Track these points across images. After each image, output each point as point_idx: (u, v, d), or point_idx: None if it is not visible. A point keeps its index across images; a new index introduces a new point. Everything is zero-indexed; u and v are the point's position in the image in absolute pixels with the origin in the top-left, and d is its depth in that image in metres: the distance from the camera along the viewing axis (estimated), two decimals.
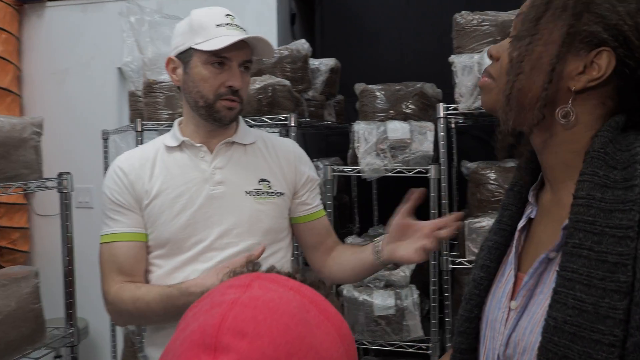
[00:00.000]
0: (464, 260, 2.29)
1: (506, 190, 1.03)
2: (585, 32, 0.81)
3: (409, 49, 3.39)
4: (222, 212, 1.50)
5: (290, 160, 1.62)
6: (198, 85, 1.47)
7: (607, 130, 0.82)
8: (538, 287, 0.87)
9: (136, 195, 1.52)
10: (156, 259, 1.53)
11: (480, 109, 2.22)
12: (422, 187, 1.49)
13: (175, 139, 1.56)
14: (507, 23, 2.27)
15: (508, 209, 1.00)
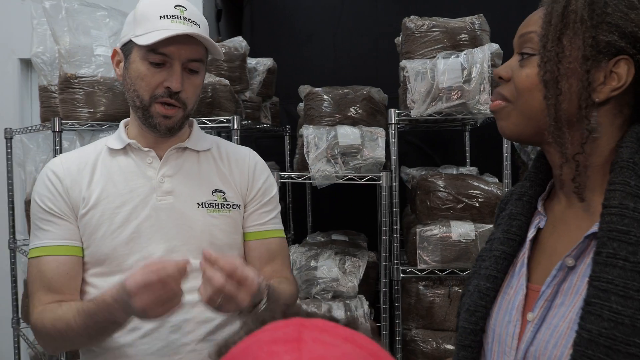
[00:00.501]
0: (414, 269, 2.26)
1: (513, 200, 1.00)
2: (603, 42, 0.81)
3: (343, 51, 3.33)
4: (171, 226, 1.32)
5: (244, 170, 1.44)
6: (135, 83, 1.29)
7: (631, 141, 0.82)
8: (557, 297, 0.85)
9: (72, 203, 1.31)
10: (93, 277, 1.33)
11: (433, 115, 2.20)
12: None
13: (120, 141, 1.36)
14: (457, 30, 2.27)
15: (517, 218, 0.97)
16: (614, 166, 0.82)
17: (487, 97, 2.14)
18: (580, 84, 0.82)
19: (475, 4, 3.09)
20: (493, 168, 2.57)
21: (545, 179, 0.98)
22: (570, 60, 0.82)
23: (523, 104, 0.88)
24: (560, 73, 0.83)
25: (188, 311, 1.28)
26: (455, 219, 2.24)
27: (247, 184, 1.43)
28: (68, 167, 1.34)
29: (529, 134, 0.90)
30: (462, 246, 2.19)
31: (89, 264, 1.32)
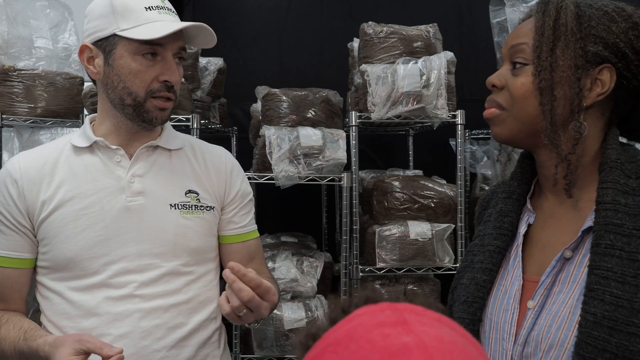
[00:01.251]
0: (373, 268, 2.32)
1: (502, 198, 1.06)
2: (590, 52, 0.89)
3: (288, 54, 3.35)
4: (141, 228, 1.26)
5: (221, 171, 1.39)
6: (125, 80, 1.23)
7: (615, 143, 0.92)
8: (555, 286, 0.92)
9: (27, 207, 1.24)
10: (54, 282, 1.26)
11: (391, 119, 2.28)
12: None
13: (86, 139, 1.29)
14: (413, 37, 2.37)
15: (508, 215, 1.03)
16: (603, 166, 0.90)
17: (443, 102, 2.25)
18: (573, 90, 0.89)
19: (414, 11, 3.24)
20: (434, 171, 2.70)
21: (530, 178, 1.04)
22: (564, 69, 0.89)
23: (519, 110, 0.94)
24: (555, 81, 0.90)
25: (159, 316, 1.25)
26: (411, 218, 2.33)
27: (224, 186, 1.39)
28: (25, 168, 1.26)
29: (522, 137, 0.97)
30: (419, 245, 2.28)
31: (50, 269, 1.26)
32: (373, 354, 0.46)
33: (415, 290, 2.38)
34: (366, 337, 0.49)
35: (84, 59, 1.27)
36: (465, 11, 3.32)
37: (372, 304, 0.54)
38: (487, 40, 3.12)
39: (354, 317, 0.53)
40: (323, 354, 0.50)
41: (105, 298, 1.23)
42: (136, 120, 1.27)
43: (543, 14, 0.93)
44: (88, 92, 2.28)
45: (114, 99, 1.26)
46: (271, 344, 2.25)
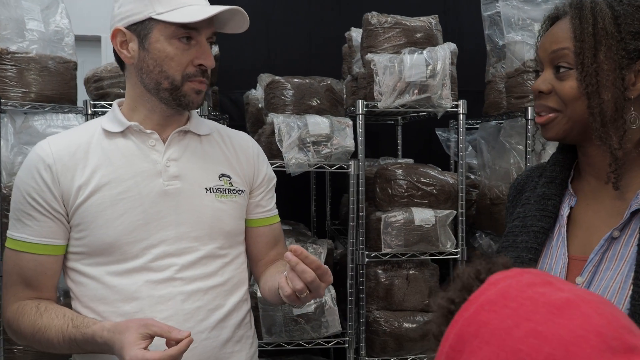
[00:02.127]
0: (379, 254, 2.37)
1: (545, 182, 1.13)
2: (631, 49, 0.96)
3: (276, 43, 3.34)
4: (179, 212, 1.27)
5: (249, 155, 1.42)
6: (162, 64, 1.23)
7: None
8: (602, 264, 0.99)
9: (62, 193, 1.23)
10: (90, 267, 1.25)
11: (398, 107, 2.33)
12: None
13: (119, 124, 1.28)
14: (416, 28, 2.42)
15: (551, 198, 1.10)
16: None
17: (448, 92, 2.32)
18: (618, 90, 0.96)
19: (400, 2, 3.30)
20: (422, 160, 2.77)
21: (570, 164, 1.12)
22: (608, 72, 0.95)
23: (572, 112, 1.00)
24: (601, 84, 0.96)
25: (200, 298, 1.27)
26: (414, 205, 2.39)
27: (253, 171, 1.42)
28: (58, 152, 1.25)
29: (573, 135, 1.03)
30: (423, 230, 2.35)
31: (85, 254, 1.25)
32: (538, 308, 0.50)
33: (417, 274, 2.46)
34: (523, 295, 0.53)
35: (117, 44, 1.26)
36: (450, 3, 3.42)
37: (505, 270, 0.59)
38: (472, 33, 3.23)
39: (495, 281, 0.56)
40: (480, 313, 0.53)
41: (146, 282, 1.23)
42: (172, 104, 1.27)
43: (580, 19, 0.97)
44: (92, 77, 2.22)
45: (149, 84, 1.26)
46: (280, 330, 2.27)
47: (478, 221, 2.94)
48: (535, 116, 1.08)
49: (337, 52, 3.14)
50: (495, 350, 0.50)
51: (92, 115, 2.23)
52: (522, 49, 2.58)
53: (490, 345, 0.50)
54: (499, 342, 0.50)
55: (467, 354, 0.52)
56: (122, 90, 2.22)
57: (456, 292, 0.61)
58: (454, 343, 0.54)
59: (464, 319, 0.55)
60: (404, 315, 2.43)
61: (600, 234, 1.00)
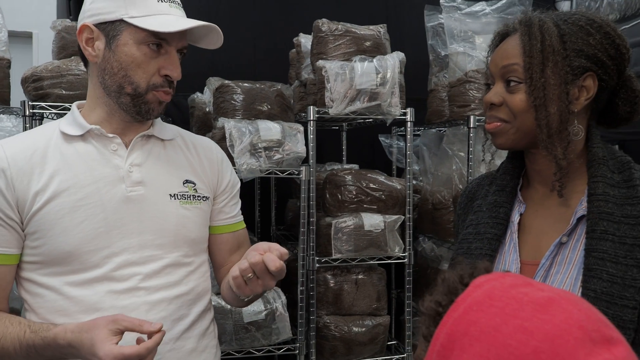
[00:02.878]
0: (329, 259, 2.39)
1: (496, 191, 1.19)
2: (575, 66, 1.03)
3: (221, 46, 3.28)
4: (143, 219, 1.23)
5: (213, 161, 1.39)
6: (127, 69, 1.19)
7: (598, 142, 1.08)
8: (552, 268, 1.05)
9: (17, 199, 1.17)
10: (48, 277, 1.19)
11: (349, 114, 2.36)
12: None
13: (78, 126, 1.23)
14: (365, 37, 2.46)
15: (503, 206, 1.16)
16: (591, 163, 1.05)
17: (397, 100, 2.37)
18: (563, 104, 1.02)
19: (345, 10, 3.35)
20: (366, 165, 2.82)
21: (519, 172, 1.18)
22: (554, 87, 1.02)
23: (520, 123, 1.06)
24: (547, 98, 1.02)
25: (164, 308, 1.24)
26: (363, 211, 2.43)
27: (217, 177, 1.40)
28: (13, 157, 1.19)
29: (523, 144, 1.09)
30: (372, 235, 2.39)
31: (42, 264, 1.19)
32: (523, 306, 0.55)
33: (365, 279, 2.49)
34: (507, 295, 0.57)
35: (82, 40, 1.22)
36: (392, 13, 3.49)
37: (486, 274, 0.63)
38: (414, 42, 3.31)
39: (480, 284, 0.61)
40: (468, 313, 0.57)
41: (108, 292, 1.19)
42: (130, 112, 1.23)
43: (529, 36, 1.04)
44: (30, 77, 2.09)
45: (111, 86, 1.21)
46: (230, 338, 2.24)
47: (420, 225, 3.02)
48: (485, 124, 1.13)
49: (282, 57, 3.13)
50: (486, 346, 0.53)
51: (30, 117, 2.10)
52: (464, 59, 2.68)
53: (481, 342, 0.54)
54: (489, 338, 0.53)
55: (458, 350, 0.55)
56: (63, 91, 2.11)
57: (442, 295, 0.64)
58: (445, 342, 0.57)
59: (453, 319, 0.58)
60: (353, 319, 2.45)
61: (549, 239, 1.06)
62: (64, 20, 2.36)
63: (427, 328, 0.63)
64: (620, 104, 1.10)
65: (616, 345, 0.52)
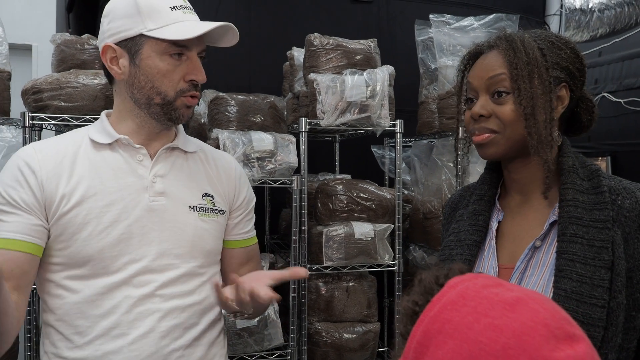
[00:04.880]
0: (320, 267, 2.44)
1: (474, 200, 1.26)
2: (554, 77, 1.11)
3: (214, 57, 3.36)
4: (163, 228, 1.27)
5: (231, 177, 1.43)
6: (153, 80, 1.24)
7: (569, 151, 1.14)
8: (527, 271, 1.12)
9: (45, 199, 1.22)
10: (70, 280, 1.23)
11: (339, 126, 2.43)
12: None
13: (107, 135, 1.29)
14: (356, 51, 2.54)
15: (482, 214, 1.22)
16: (562, 171, 1.11)
17: (386, 112, 2.44)
18: (548, 112, 1.09)
19: (339, 25, 3.43)
20: (358, 176, 2.88)
21: (497, 183, 1.24)
22: (541, 96, 1.09)
23: (511, 132, 1.11)
24: (535, 107, 1.08)
25: (177, 316, 1.28)
26: (354, 219, 2.49)
27: (234, 192, 1.43)
28: (44, 159, 1.23)
29: (512, 154, 1.15)
30: (363, 244, 2.45)
31: (67, 265, 1.23)
32: (494, 305, 0.59)
33: (356, 286, 2.55)
34: (479, 295, 0.62)
35: (107, 60, 1.26)
36: (385, 28, 3.58)
37: (460, 275, 0.68)
38: (405, 56, 3.40)
39: (454, 284, 0.66)
40: (443, 312, 0.62)
41: (125, 297, 1.23)
42: (162, 120, 1.28)
43: (514, 50, 1.10)
44: (30, 89, 2.16)
45: (140, 99, 1.26)
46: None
47: (411, 234, 3.08)
48: (473, 136, 1.17)
49: (277, 70, 3.21)
50: (459, 343, 0.58)
51: (29, 128, 2.17)
52: (452, 72, 2.76)
53: (454, 339, 0.58)
54: (462, 335, 0.58)
55: (434, 347, 0.60)
56: (62, 102, 2.18)
57: (419, 295, 0.69)
58: (420, 339, 0.62)
59: (429, 317, 0.63)
60: (344, 326, 2.50)
61: (524, 244, 1.13)
62: (63, 34, 2.43)
63: (405, 327, 0.68)
64: (582, 113, 1.18)
65: (578, 342, 0.56)
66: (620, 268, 1.00)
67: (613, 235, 1.02)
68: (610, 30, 5.09)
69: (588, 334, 0.96)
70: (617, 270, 0.99)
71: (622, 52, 4.96)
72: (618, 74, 5.13)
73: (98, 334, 1.21)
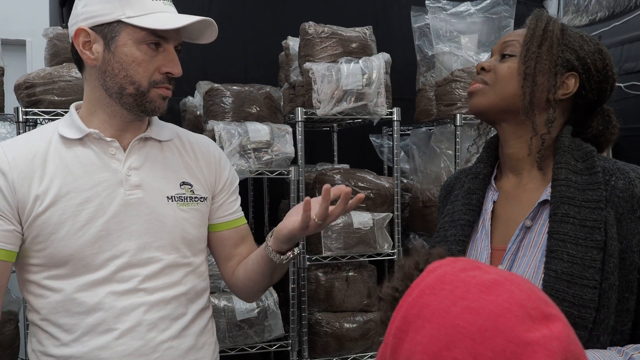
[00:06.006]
0: (320, 257, 2.43)
1: (469, 178, 1.25)
2: (565, 58, 1.12)
3: (212, 50, 3.34)
4: (141, 222, 1.26)
5: (210, 162, 1.42)
6: (128, 69, 1.21)
7: (567, 134, 1.14)
8: (519, 251, 1.11)
9: (18, 201, 1.20)
10: (50, 280, 1.22)
11: (336, 115, 2.41)
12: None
13: (77, 130, 1.26)
14: (352, 39, 2.52)
15: (475, 193, 1.21)
16: (557, 150, 1.11)
17: (383, 100, 2.42)
18: (550, 82, 1.10)
19: (335, 12, 3.40)
20: (356, 165, 2.86)
21: (493, 162, 1.24)
22: (546, 62, 1.10)
23: (500, 88, 1.13)
24: (537, 70, 1.10)
25: (163, 308, 1.27)
26: (353, 209, 2.47)
27: (214, 176, 1.42)
28: (14, 159, 1.21)
29: (496, 112, 1.15)
30: (361, 233, 2.44)
31: (45, 266, 1.22)
32: (470, 288, 0.59)
33: (356, 276, 2.54)
34: (457, 279, 0.62)
35: (79, 44, 1.23)
36: (381, 15, 3.55)
37: (440, 259, 0.68)
38: (402, 43, 3.37)
39: (433, 269, 0.65)
40: (421, 297, 0.61)
41: (109, 293, 1.22)
42: (134, 110, 1.26)
43: (536, 21, 1.14)
44: (22, 84, 2.14)
45: (112, 87, 1.24)
46: (224, 336, 2.28)
47: (411, 223, 3.07)
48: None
49: (273, 60, 3.18)
50: (436, 327, 0.57)
51: (23, 123, 2.15)
52: (450, 59, 2.73)
53: (432, 322, 0.58)
54: (439, 319, 0.58)
55: (412, 332, 0.59)
56: (55, 97, 2.16)
57: (399, 281, 0.69)
58: (399, 324, 0.62)
59: (407, 303, 0.63)
60: (345, 316, 2.50)
61: (516, 225, 1.12)
62: (55, 27, 2.41)
63: (385, 313, 0.67)
64: (594, 126, 1.18)
65: (554, 322, 0.56)
66: (613, 249, 0.98)
67: (606, 215, 1.01)
68: (610, 14, 5.05)
69: (579, 315, 0.96)
70: (610, 251, 0.98)
71: (622, 36, 4.92)
72: (618, 58, 5.09)
73: (84, 330, 1.21)
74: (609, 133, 1.19)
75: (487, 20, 2.78)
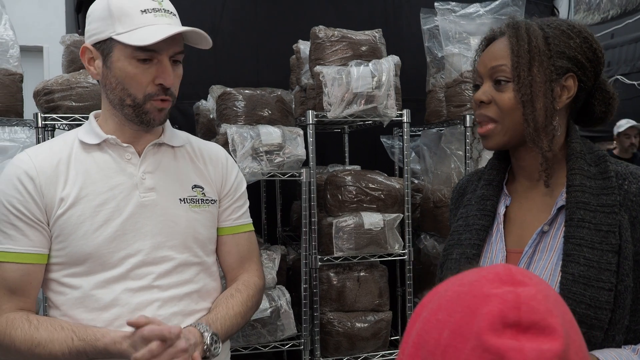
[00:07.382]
0: (331, 257, 2.47)
1: (482, 185, 1.27)
2: (558, 66, 1.12)
3: (223, 54, 3.39)
4: (155, 222, 1.32)
5: (217, 165, 1.47)
6: (123, 83, 1.26)
7: (577, 137, 1.16)
8: (535, 255, 1.13)
9: (45, 204, 1.27)
10: (69, 277, 1.29)
11: (346, 117, 2.44)
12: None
13: (96, 136, 1.33)
14: (361, 42, 2.55)
15: (490, 199, 1.23)
16: (570, 157, 1.12)
17: (392, 102, 2.45)
18: (548, 100, 1.10)
19: (345, 16, 3.44)
20: (368, 166, 2.89)
21: (505, 168, 1.26)
22: (540, 84, 1.10)
23: (509, 122, 1.13)
24: (534, 94, 1.10)
25: (175, 304, 1.33)
26: (363, 210, 2.51)
27: (221, 180, 1.47)
28: (40, 164, 1.28)
29: (511, 145, 1.17)
30: (372, 234, 2.47)
31: (65, 265, 1.29)
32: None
33: (367, 276, 2.57)
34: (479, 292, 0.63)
35: (85, 60, 1.30)
36: (391, 18, 3.58)
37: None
38: (412, 45, 3.39)
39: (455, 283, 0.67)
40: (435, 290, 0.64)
41: (124, 290, 1.28)
42: (135, 121, 1.31)
43: (517, 38, 1.12)
44: (41, 90, 2.21)
45: (114, 100, 1.30)
46: (237, 335, 2.32)
47: (422, 223, 3.09)
48: (478, 127, 1.20)
49: (284, 63, 3.23)
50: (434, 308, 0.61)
51: (42, 129, 2.21)
52: (459, 60, 2.75)
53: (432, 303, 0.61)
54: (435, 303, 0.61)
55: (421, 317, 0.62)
56: (73, 103, 2.22)
57: None
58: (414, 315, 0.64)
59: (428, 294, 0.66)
60: (356, 315, 2.53)
61: (532, 229, 1.14)
62: (72, 35, 2.47)
63: None
64: (597, 104, 1.18)
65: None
66: (627, 252, 1.01)
67: (620, 219, 1.03)
68: (622, 12, 5.02)
69: (596, 317, 0.99)
70: (625, 254, 1.01)
71: (635, 34, 4.90)
72: (631, 55, 5.07)
73: (102, 325, 1.26)
74: (611, 107, 1.19)
75: (497, 21, 2.80)
